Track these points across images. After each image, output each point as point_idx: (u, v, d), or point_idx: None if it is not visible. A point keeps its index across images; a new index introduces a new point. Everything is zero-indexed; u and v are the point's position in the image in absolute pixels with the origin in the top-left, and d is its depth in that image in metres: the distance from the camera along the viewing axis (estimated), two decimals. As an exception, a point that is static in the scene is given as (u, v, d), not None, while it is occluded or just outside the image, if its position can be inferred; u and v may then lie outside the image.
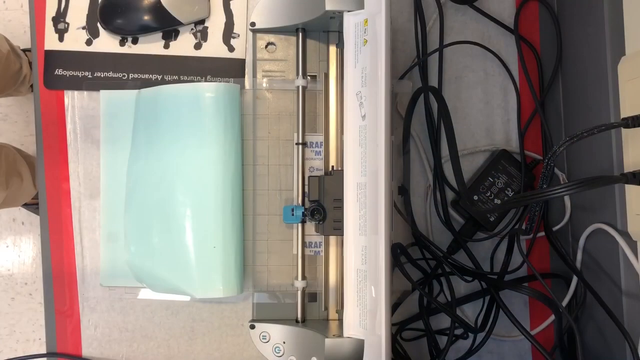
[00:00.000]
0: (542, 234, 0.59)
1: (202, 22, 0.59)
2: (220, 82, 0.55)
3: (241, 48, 0.59)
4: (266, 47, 0.57)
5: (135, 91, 0.56)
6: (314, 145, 0.56)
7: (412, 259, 0.58)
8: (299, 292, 0.55)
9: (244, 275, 0.56)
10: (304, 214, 0.54)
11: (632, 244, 0.47)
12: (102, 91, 0.57)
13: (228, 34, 0.59)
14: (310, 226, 0.56)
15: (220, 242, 0.53)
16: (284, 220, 0.55)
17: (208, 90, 0.53)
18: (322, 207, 0.52)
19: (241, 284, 0.55)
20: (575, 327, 0.48)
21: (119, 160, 0.56)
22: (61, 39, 0.59)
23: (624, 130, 0.47)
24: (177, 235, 0.53)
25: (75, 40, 0.59)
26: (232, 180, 0.54)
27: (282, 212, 0.55)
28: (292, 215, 0.54)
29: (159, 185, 0.53)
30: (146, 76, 0.58)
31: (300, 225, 0.55)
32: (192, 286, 0.53)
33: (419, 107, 0.59)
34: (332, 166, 0.55)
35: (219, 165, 0.53)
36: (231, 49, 0.59)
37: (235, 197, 0.54)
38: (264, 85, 0.56)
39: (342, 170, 0.49)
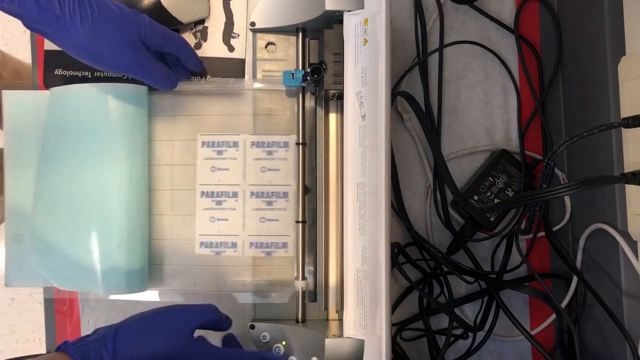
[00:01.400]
0: (542, 233, 0.59)
1: (202, 22, 0.59)
2: (129, 84, 0.56)
3: (241, 48, 0.59)
4: (266, 47, 0.57)
5: (47, 91, 0.56)
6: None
7: (412, 259, 0.58)
8: (299, 292, 0.55)
9: (150, 273, 0.56)
10: (304, 77, 0.54)
11: (632, 244, 0.47)
12: (4, 91, 0.57)
13: (228, 33, 0.59)
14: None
15: (125, 240, 0.53)
16: (283, 83, 0.54)
17: (113, 92, 0.54)
18: (323, 63, 0.53)
19: (146, 282, 0.55)
20: (573, 327, 0.48)
21: (24, 161, 0.56)
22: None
23: (624, 130, 0.47)
24: (83, 234, 0.53)
25: (75, 40, 0.59)
26: (137, 180, 0.55)
27: (282, 77, 0.54)
28: (292, 78, 0.54)
29: (66, 185, 0.54)
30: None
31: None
32: (98, 284, 0.53)
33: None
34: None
35: (124, 165, 0.53)
36: (231, 48, 0.59)
37: (141, 196, 0.55)
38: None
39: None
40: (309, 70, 0.53)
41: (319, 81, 0.53)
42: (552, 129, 0.59)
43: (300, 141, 0.55)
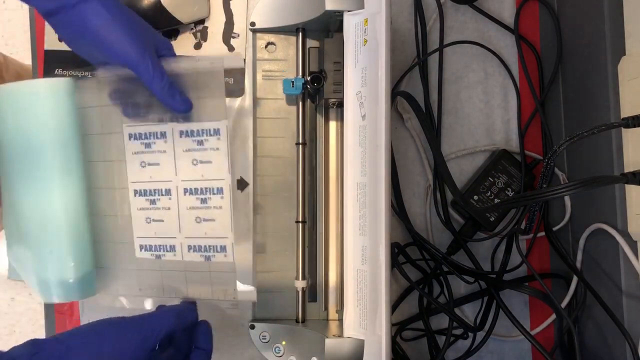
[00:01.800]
0: (542, 233, 0.59)
1: (202, 22, 0.59)
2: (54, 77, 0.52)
3: (241, 48, 0.59)
4: (266, 47, 0.57)
5: None
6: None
7: (412, 259, 0.58)
8: (299, 292, 0.55)
9: (96, 277, 0.52)
10: (304, 85, 0.53)
11: (632, 244, 0.47)
12: None
13: (228, 33, 0.59)
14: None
15: (55, 246, 0.49)
16: (284, 91, 0.54)
17: (35, 87, 0.49)
18: (323, 71, 0.53)
19: (83, 290, 0.51)
20: (573, 327, 0.48)
21: None
22: (61, 38, 0.59)
23: (624, 130, 0.47)
24: (26, 239, 0.50)
25: (75, 40, 0.59)
26: (73, 179, 0.50)
27: (282, 85, 0.54)
28: (292, 87, 0.53)
29: (7, 189, 0.51)
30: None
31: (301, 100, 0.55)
32: (36, 291, 0.50)
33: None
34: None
35: (54, 164, 0.49)
36: (231, 48, 0.59)
37: (78, 196, 0.50)
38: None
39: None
40: (309, 78, 0.53)
41: (319, 89, 0.53)
42: (552, 129, 0.59)
43: (300, 141, 0.55)
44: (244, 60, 0.59)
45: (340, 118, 0.54)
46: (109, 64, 0.50)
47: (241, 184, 0.54)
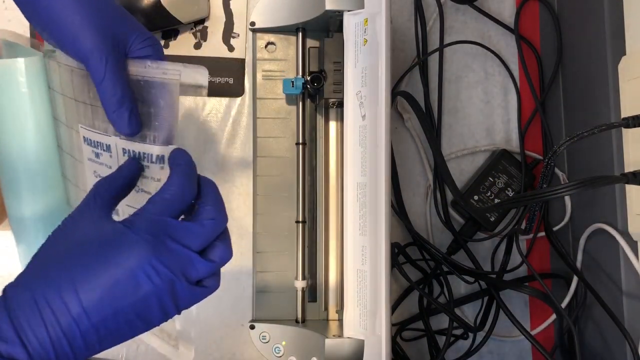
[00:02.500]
0: (543, 234, 0.59)
1: (202, 21, 0.59)
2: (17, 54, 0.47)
3: (241, 48, 0.59)
4: (266, 46, 0.57)
5: None
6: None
7: (412, 259, 0.58)
8: (299, 292, 0.55)
9: None
10: (304, 85, 0.53)
11: (632, 244, 0.47)
12: None
13: (228, 33, 0.59)
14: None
15: (25, 239, 0.49)
16: (283, 91, 0.54)
17: (10, 65, 0.46)
18: (323, 71, 0.52)
19: None
20: (573, 327, 0.48)
21: None
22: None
23: (624, 130, 0.47)
24: (16, 229, 0.51)
25: (74, 40, 0.59)
26: (47, 159, 0.47)
27: (282, 85, 0.53)
28: (292, 87, 0.53)
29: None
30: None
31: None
32: None
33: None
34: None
35: (26, 147, 0.46)
36: (231, 48, 0.59)
37: (48, 186, 0.48)
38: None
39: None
40: (308, 78, 0.53)
41: (319, 89, 0.53)
42: (553, 128, 0.59)
43: (300, 141, 0.55)
44: (244, 60, 0.59)
45: (340, 118, 0.54)
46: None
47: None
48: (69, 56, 0.38)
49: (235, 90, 0.58)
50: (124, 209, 0.42)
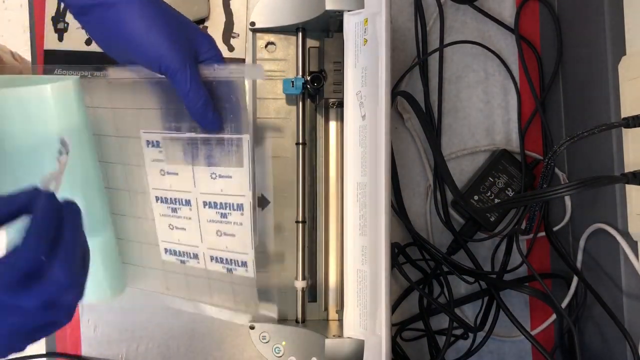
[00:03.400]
0: (543, 234, 0.59)
1: (201, 21, 0.59)
2: (54, 78, 0.47)
3: (241, 48, 0.59)
4: (266, 46, 0.57)
5: None
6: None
7: (412, 259, 0.58)
8: (299, 292, 0.55)
9: (123, 274, 0.52)
10: (304, 85, 0.53)
11: (632, 244, 0.47)
12: None
13: (228, 33, 0.59)
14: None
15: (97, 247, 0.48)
16: (283, 91, 0.54)
17: (43, 93, 0.45)
18: (323, 71, 0.52)
19: (113, 287, 0.51)
20: (574, 327, 0.48)
21: None
22: (61, 38, 0.59)
23: (624, 130, 0.47)
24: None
25: (75, 40, 0.59)
26: (90, 177, 0.48)
27: (282, 85, 0.53)
28: (292, 87, 0.53)
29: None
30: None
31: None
32: None
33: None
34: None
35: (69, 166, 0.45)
36: (231, 48, 0.59)
37: (93, 195, 0.49)
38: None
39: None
40: (308, 78, 0.53)
41: (319, 89, 0.53)
42: (553, 128, 0.59)
43: (300, 141, 0.55)
44: (244, 60, 0.59)
45: (340, 118, 0.54)
46: (137, 66, 0.44)
47: (262, 202, 0.53)
48: (133, 68, 0.43)
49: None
50: (200, 193, 0.49)
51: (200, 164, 0.48)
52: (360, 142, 0.47)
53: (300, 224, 0.55)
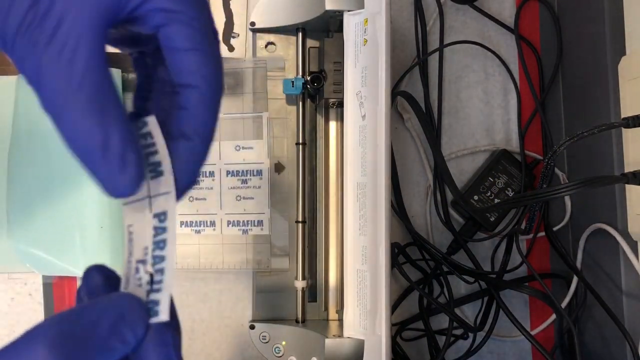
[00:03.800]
0: (543, 234, 0.59)
1: (202, 21, 0.59)
2: None
3: (241, 48, 0.59)
4: (266, 46, 0.57)
5: (14, 77, 0.56)
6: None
7: (412, 259, 0.58)
8: (299, 292, 0.55)
9: None
10: (304, 85, 0.53)
11: (632, 244, 0.47)
12: None
13: (228, 33, 0.59)
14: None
15: (107, 222, 0.54)
16: (283, 91, 0.54)
17: None
18: (323, 71, 0.53)
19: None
20: (573, 327, 0.48)
21: None
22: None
23: (624, 130, 0.47)
24: (63, 218, 0.54)
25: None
26: None
27: (282, 85, 0.54)
28: (292, 87, 0.53)
29: (42, 168, 0.54)
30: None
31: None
32: (79, 266, 0.54)
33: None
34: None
35: None
36: (231, 48, 0.59)
37: None
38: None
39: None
40: (308, 78, 0.53)
41: (319, 89, 0.53)
42: (553, 128, 0.59)
43: (300, 141, 0.55)
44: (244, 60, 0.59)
45: (340, 118, 0.54)
46: None
47: (278, 168, 0.56)
48: None
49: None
50: (224, 164, 0.56)
51: (226, 138, 0.56)
52: (360, 142, 0.47)
53: (300, 224, 0.55)
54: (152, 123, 0.27)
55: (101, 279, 0.26)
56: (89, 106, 0.23)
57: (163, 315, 0.25)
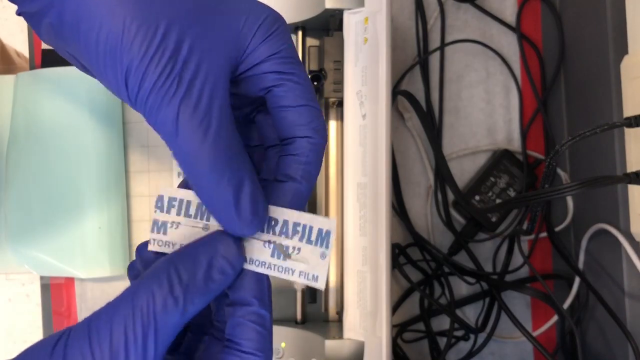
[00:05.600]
0: (544, 234, 0.59)
1: (201, 20, 0.58)
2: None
3: (240, 47, 0.59)
4: (266, 46, 0.57)
5: (12, 76, 0.57)
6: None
7: (412, 260, 0.58)
8: (299, 293, 0.55)
9: (130, 255, 0.58)
10: None
11: (635, 244, 0.47)
12: None
13: (227, 32, 0.59)
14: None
15: (106, 223, 0.54)
16: None
17: (83, 79, 0.49)
18: (323, 70, 0.52)
19: (127, 263, 0.56)
20: (575, 328, 0.48)
21: None
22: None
23: (626, 130, 0.47)
24: (60, 217, 0.54)
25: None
26: (114, 162, 0.55)
27: None
28: None
29: (40, 168, 0.54)
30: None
31: None
32: (77, 267, 0.54)
33: (419, 107, 0.59)
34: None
35: (100, 148, 0.54)
36: (230, 47, 0.58)
37: (118, 178, 0.56)
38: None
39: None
40: (309, 77, 0.53)
41: (319, 88, 0.53)
42: (554, 128, 0.59)
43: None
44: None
45: (340, 117, 0.53)
46: None
47: None
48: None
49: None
50: None
51: None
52: (360, 141, 0.47)
53: (300, 225, 0.55)
54: None
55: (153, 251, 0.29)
56: (222, 159, 0.24)
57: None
